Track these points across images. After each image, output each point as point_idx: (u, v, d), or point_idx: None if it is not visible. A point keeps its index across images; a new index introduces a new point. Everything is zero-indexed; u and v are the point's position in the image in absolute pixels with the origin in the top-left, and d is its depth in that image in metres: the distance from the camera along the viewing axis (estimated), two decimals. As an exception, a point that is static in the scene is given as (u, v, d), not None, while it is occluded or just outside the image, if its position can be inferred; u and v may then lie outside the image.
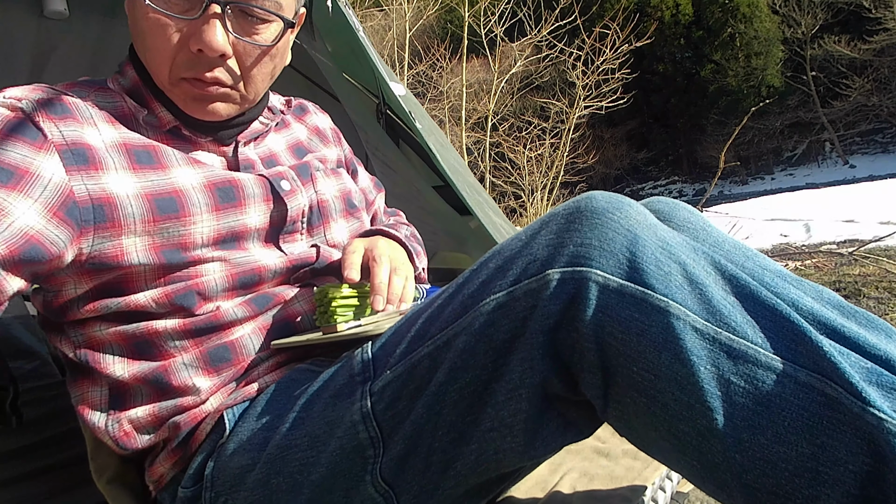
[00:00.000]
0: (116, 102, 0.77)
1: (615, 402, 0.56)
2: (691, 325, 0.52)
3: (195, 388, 0.74)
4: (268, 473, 0.66)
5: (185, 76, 0.74)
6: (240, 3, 0.72)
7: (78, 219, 0.68)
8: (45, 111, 0.69)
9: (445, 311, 0.62)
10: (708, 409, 0.51)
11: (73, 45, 1.69)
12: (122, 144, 0.73)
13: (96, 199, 0.69)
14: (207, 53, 0.72)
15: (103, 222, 0.69)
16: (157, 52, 0.73)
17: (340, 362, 0.69)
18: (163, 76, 0.75)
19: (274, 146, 0.90)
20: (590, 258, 0.55)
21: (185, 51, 0.72)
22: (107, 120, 0.74)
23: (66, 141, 0.69)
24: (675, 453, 0.55)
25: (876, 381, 0.51)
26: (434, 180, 1.98)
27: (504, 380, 0.58)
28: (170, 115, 0.78)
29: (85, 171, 0.69)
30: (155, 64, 0.74)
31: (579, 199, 0.60)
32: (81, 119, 0.71)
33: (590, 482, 0.79)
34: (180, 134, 0.79)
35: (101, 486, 0.79)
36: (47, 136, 0.68)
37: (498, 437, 0.59)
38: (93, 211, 0.68)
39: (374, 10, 8.10)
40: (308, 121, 1.00)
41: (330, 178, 0.92)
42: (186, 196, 0.74)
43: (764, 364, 0.51)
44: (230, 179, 0.78)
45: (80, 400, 0.76)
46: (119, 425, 0.74)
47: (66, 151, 0.68)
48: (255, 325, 0.78)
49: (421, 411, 0.61)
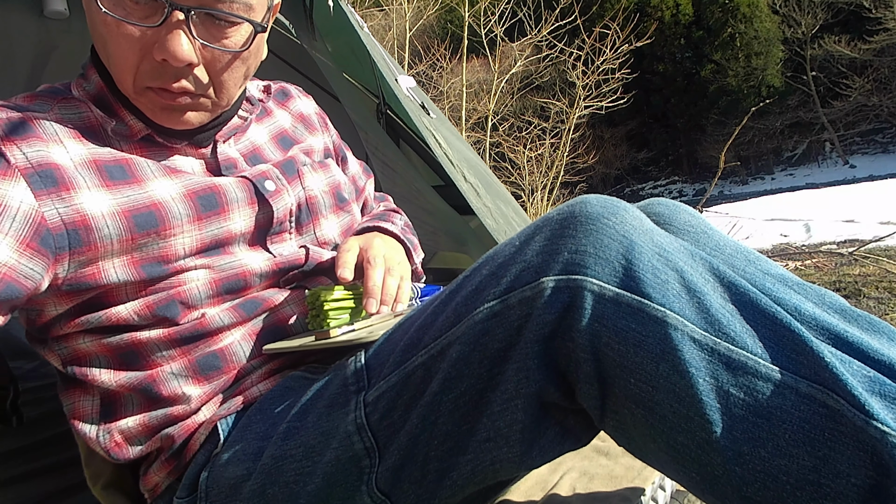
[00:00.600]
0: (82, 113, 0.72)
1: (612, 413, 0.55)
2: (689, 335, 0.51)
3: (185, 396, 0.72)
4: (263, 483, 0.66)
5: (150, 86, 0.69)
6: (205, 7, 0.66)
7: (52, 247, 0.64)
8: (6, 133, 0.64)
9: (439, 319, 0.61)
10: (707, 421, 0.50)
11: (73, 45, 1.69)
12: (92, 161, 0.68)
13: (70, 224, 0.65)
14: (172, 63, 0.66)
15: (79, 247, 0.66)
16: (119, 59, 0.67)
17: (333, 371, 0.68)
18: (127, 85, 0.70)
19: (256, 138, 0.85)
20: (584, 266, 0.54)
21: (147, 59, 0.67)
22: (73, 136, 0.69)
23: (32, 163, 0.64)
24: (674, 465, 0.54)
25: (879, 391, 0.50)
26: (434, 180, 1.98)
27: (499, 389, 0.57)
28: (140, 123, 0.73)
29: (56, 193, 0.65)
30: (117, 72, 0.69)
31: (573, 204, 0.58)
32: (46, 137, 0.67)
33: (589, 481, 0.79)
34: (153, 141, 0.75)
35: (96, 492, 0.79)
36: (10, 161, 0.63)
37: (494, 447, 0.58)
38: (67, 237, 0.65)
39: (374, 10, 8.10)
40: (291, 107, 0.95)
41: (318, 173, 0.88)
42: (166, 208, 0.70)
43: (764, 375, 0.50)
44: (211, 186, 0.74)
45: (72, 410, 0.75)
46: (110, 436, 0.73)
47: (32, 175, 0.64)
48: (245, 332, 0.76)
49: (416, 421, 0.60)
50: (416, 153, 2.04)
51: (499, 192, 1.75)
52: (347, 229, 0.91)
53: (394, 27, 7.68)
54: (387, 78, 1.66)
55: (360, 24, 1.65)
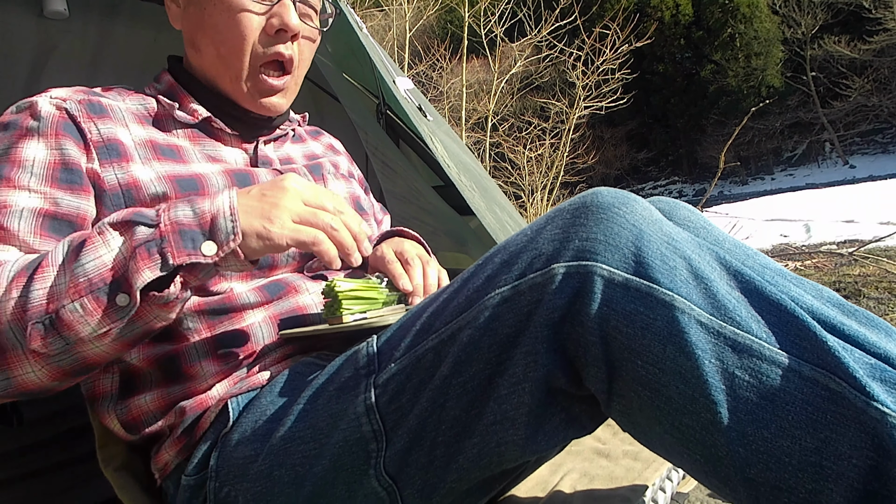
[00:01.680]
0: (147, 104, 0.87)
1: (619, 396, 0.56)
2: (696, 318, 0.53)
3: (203, 374, 0.75)
4: (271, 465, 0.66)
5: (265, 57, 0.85)
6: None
7: (109, 205, 0.76)
8: (87, 112, 0.79)
9: (450, 306, 0.62)
10: (712, 402, 0.51)
11: (73, 45, 1.69)
12: (149, 141, 0.82)
13: (124, 185, 0.77)
14: (287, 32, 0.84)
15: (132, 203, 0.76)
16: (237, 40, 0.83)
17: (346, 355, 0.69)
18: (238, 68, 0.85)
19: (291, 152, 0.98)
20: (595, 252, 0.55)
21: (262, 34, 0.84)
22: (136, 121, 0.83)
23: (103, 138, 0.78)
24: (678, 447, 0.55)
25: (879, 376, 0.51)
26: (434, 180, 1.98)
27: (508, 373, 0.58)
28: (202, 108, 0.87)
29: (117, 162, 0.78)
30: (233, 55, 0.84)
31: (585, 195, 0.60)
32: (115, 119, 0.81)
33: (590, 483, 0.79)
34: (208, 130, 0.88)
35: (108, 474, 0.80)
36: (87, 136, 0.77)
37: (500, 429, 0.59)
38: (122, 196, 0.77)
39: (374, 10, 8.10)
40: (322, 140, 1.09)
41: (340, 181, 1.00)
42: (206, 179, 0.81)
43: (768, 358, 0.51)
44: (246, 170, 0.86)
45: (91, 388, 0.78)
46: (127, 411, 0.76)
47: (101, 147, 0.78)
48: (267, 314, 0.80)
49: (425, 405, 0.61)
50: (415, 153, 2.04)
51: (494, 197, 1.76)
52: (377, 239, 0.99)
53: (394, 27, 7.68)
54: (386, 79, 1.66)
55: (359, 25, 1.65)
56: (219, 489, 0.70)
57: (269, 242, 0.64)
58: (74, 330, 0.60)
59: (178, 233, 0.62)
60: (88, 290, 0.60)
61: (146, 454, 0.81)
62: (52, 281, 0.61)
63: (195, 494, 0.72)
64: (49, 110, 0.77)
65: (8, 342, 0.61)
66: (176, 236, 0.61)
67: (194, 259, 0.61)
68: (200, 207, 0.64)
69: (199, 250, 0.62)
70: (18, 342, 0.61)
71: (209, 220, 0.63)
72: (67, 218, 0.74)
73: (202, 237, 0.62)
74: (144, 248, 0.61)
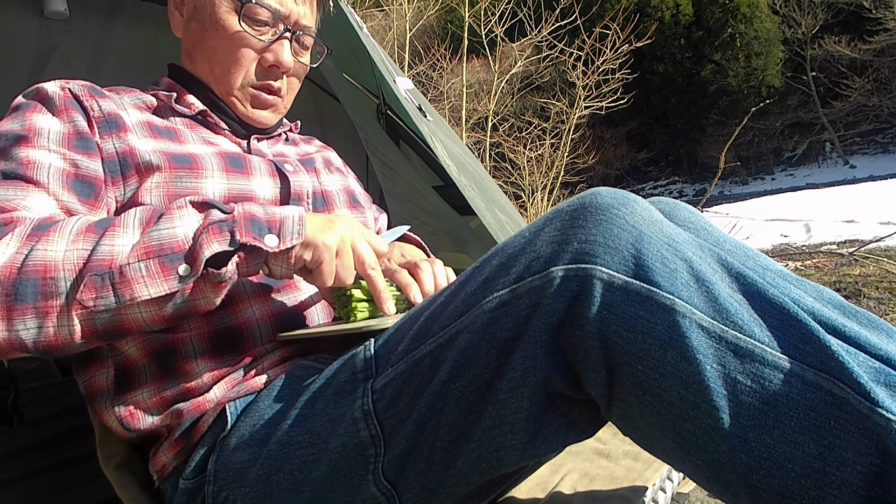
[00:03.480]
0: (146, 98, 0.90)
1: (619, 401, 0.56)
2: (697, 322, 0.52)
3: (197, 371, 0.75)
4: (269, 470, 0.66)
5: (255, 85, 0.91)
6: (302, 32, 0.93)
7: (107, 171, 0.79)
8: (91, 92, 0.83)
9: (448, 309, 0.61)
10: (714, 407, 0.51)
11: (73, 45, 1.69)
12: (146, 122, 0.85)
13: (121, 153, 0.80)
14: (279, 68, 0.91)
15: (128, 171, 0.79)
16: (235, 63, 0.89)
17: (343, 359, 0.69)
18: (232, 82, 0.90)
19: (284, 150, 1.01)
20: (594, 255, 0.54)
21: (257, 66, 0.91)
22: (135, 109, 0.87)
23: (104, 113, 0.82)
24: (679, 452, 0.54)
25: (884, 381, 0.50)
26: (434, 180, 1.98)
27: (506, 378, 0.57)
28: (199, 102, 0.91)
29: (116, 133, 0.81)
30: (228, 72, 0.90)
31: (584, 196, 0.59)
32: (116, 104, 0.85)
33: (590, 483, 0.79)
34: (204, 121, 0.92)
35: (108, 473, 0.80)
36: (89, 112, 0.81)
37: (499, 434, 0.59)
38: (119, 163, 0.79)
39: (374, 10, 8.10)
40: (314, 143, 1.12)
41: (333, 175, 1.01)
42: (200, 157, 0.83)
43: (771, 363, 0.51)
44: (240, 154, 0.89)
45: (88, 386, 0.78)
46: (125, 406, 0.76)
47: (102, 121, 0.81)
48: (264, 310, 0.79)
49: (423, 409, 0.61)
50: (416, 153, 2.04)
51: (494, 197, 1.75)
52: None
53: (394, 27, 7.68)
54: (386, 79, 1.66)
55: (359, 25, 1.65)
56: (217, 493, 0.69)
57: (318, 261, 0.70)
58: (131, 289, 0.62)
59: (249, 220, 0.67)
60: (158, 253, 0.63)
61: (146, 453, 0.81)
62: (122, 239, 0.64)
63: (193, 498, 0.72)
64: (55, 90, 0.81)
65: (55, 290, 0.62)
66: (247, 222, 0.67)
67: (257, 243, 0.66)
68: (273, 210, 0.70)
69: (263, 238, 0.67)
70: (67, 291, 0.62)
71: (278, 221, 0.69)
72: (87, 179, 0.76)
73: (268, 230, 0.68)
74: (217, 225, 0.66)
